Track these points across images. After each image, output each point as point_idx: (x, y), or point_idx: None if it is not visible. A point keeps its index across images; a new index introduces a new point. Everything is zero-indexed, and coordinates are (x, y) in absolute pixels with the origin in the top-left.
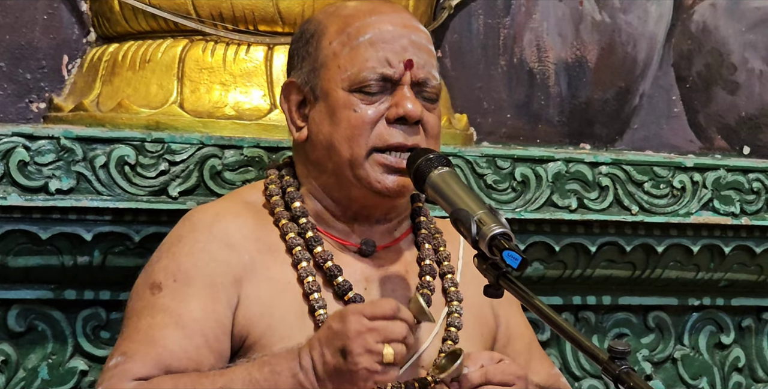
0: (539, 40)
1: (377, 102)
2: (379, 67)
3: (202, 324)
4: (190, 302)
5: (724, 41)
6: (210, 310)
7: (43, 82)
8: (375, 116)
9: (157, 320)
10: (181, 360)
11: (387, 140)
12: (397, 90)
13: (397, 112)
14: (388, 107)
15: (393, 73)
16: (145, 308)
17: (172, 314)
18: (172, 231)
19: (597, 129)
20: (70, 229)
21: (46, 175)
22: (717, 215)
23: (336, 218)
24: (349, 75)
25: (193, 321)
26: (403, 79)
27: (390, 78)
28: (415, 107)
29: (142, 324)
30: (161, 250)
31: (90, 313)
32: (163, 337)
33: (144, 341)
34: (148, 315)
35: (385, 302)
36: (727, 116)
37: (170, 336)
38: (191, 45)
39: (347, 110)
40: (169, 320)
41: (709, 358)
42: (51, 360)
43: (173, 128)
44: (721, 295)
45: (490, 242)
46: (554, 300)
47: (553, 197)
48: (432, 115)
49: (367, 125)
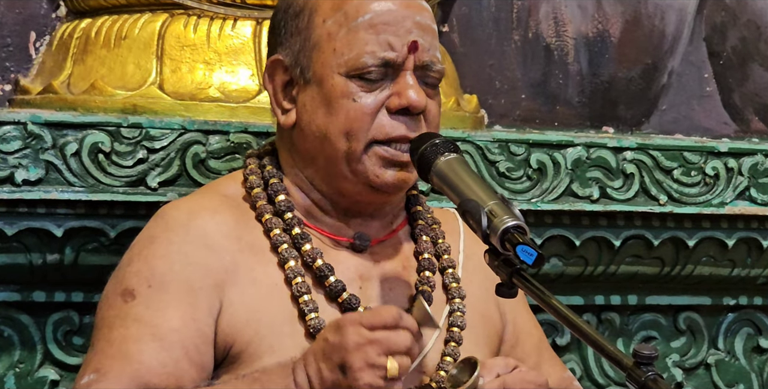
0: (557, 12)
1: (377, 89)
2: (380, 52)
3: (182, 334)
4: (167, 310)
5: (762, 12)
6: (189, 319)
7: (8, 61)
8: (375, 105)
9: (132, 331)
10: (160, 375)
11: (388, 133)
12: (399, 77)
13: (400, 102)
14: (389, 95)
15: (396, 57)
16: (117, 317)
17: (148, 324)
18: (143, 231)
19: (621, 111)
20: (38, 224)
21: (12, 164)
22: (754, 204)
23: (325, 212)
24: (347, 60)
25: (171, 332)
26: (406, 64)
27: (392, 63)
28: (419, 97)
29: (114, 335)
30: (132, 252)
31: (61, 317)
32: (138, 351)
33: (118, 356)
34: (120, 325)
35: (386, 309)
36: (765, 96)
37: (147, 349)
38: (171, 20)
39: (345, 99)
40: (145, 331)
41: (747, 364)
42: (18, 369)
43: (152, 111)
44: (760, 294)
45: (503, 236)
46: (574, 300)
47: (573, 187)
48: (433, 102)
49: (368, 116)
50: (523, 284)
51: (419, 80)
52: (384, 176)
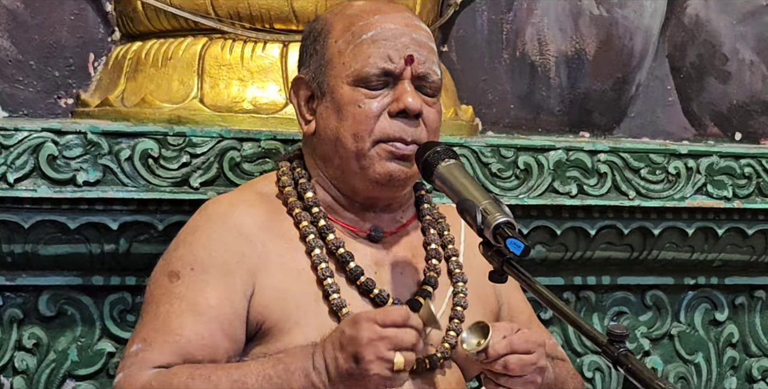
0: (540, 34)
1: (380, 96)
2: (381, 63)
3: (218, 311)
4: (206, 290)
5: (715, 33)
6: (225, 298)
7: (71, 79)
8: (378, 109)
9: (175, 307)
10: (197, 346)
11: (389, 134)
12: (398, 85)
13: (398, 106)
14: (390, 102)
15: (394, 68)
16: (163, 295)
17: (189, 302)
18: (188, 222)
19: (595, 118)
20: (97, 219)
21: (74, 168)
22: (710, 199)
23: (344, 207)
24: (353, 71)
25: (209, 309)
26: (404, 74)
27: (391, 73)
28: (415, 101)
29: (160, 311)
30: (178, 240)
31: (116, 298)
32: (180, 325)
33: (162, 329)
34: (165, 302)
35: (396, 310)
36: (720, 104)
37: (187, 323)
38: (210, 43)
39: (352, 105)
40: (186, 307)
41: (704, 334)
42: (80, 342)
43: (194, 122)
44: (715, 274)
45: (495, 231)
46: (556, 281)
47: (555, 184)
48: (432, 109)
49: (371, 120)
50: (513, 271)
51: (418, 90)
52: (387, 167)
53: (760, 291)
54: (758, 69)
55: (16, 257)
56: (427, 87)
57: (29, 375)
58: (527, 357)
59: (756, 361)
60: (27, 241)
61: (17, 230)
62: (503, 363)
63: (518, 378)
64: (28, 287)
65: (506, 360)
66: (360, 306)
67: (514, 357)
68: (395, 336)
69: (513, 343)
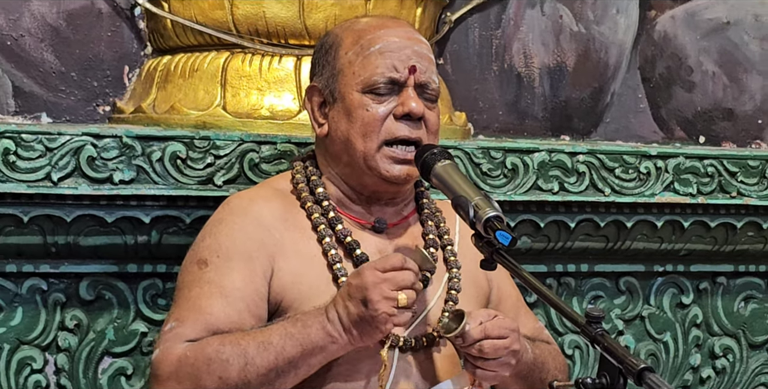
0: (526, 48)
1: (386, 102)
2: (387, 72)
3: (242, 292)
4: (231, 274)
5: (681, 47)
6: (248, 280)
7: (108, 89)
8: (384, 113)
9: (204, 290)
10: (225, 323)
11: (395, 134)
12: (402, 91)
13: (403, 110)
14: (395, 106)
15: (399, 77)
16: (194, 281)
17: (217, 285)
18: (214, 215)
19: (575, 123)
20: (131, 213)
21: (111, 168)
22: (677, 195)
23: (352, 201)
24: (362, 79)
25: (234, 290)
26: (407, 82)
27: (396, 81)
28: (417, 106)
29: (191, 294)
30: (205, 231)
31: (149, 283)
32: (209, 305)
33: (193, 309)
34: (196, 286)
35: (394, 256)
36: (685, 111)
37: (215, 303)
38: (232, 57)
39: (361, 109)
40: (215, 290)
41: (672, 316)
42: (116, 323)
43: (217, 127)
44: (681, 262)
45: (485, 224)
46: (540, 268)
47: (539, 182)
48: (432, 113)
49: (378, 122)
50: (501, 260)
51: (419, 96)
52: (393, 170)
53: (721, 277)
54: (720, 79)
55: (60, 247)
56: (427, 93)
57: (71, 353)
58: (500, 341)
59: (718, 340)
60: (69, 233)
61: (60, 223)
62: (478, 347)
63: (493, 360)
64: (70, 274)
65: (481, 345)
66: None
67: (488, 342)
68: (395, 276)
69: (487, 329)
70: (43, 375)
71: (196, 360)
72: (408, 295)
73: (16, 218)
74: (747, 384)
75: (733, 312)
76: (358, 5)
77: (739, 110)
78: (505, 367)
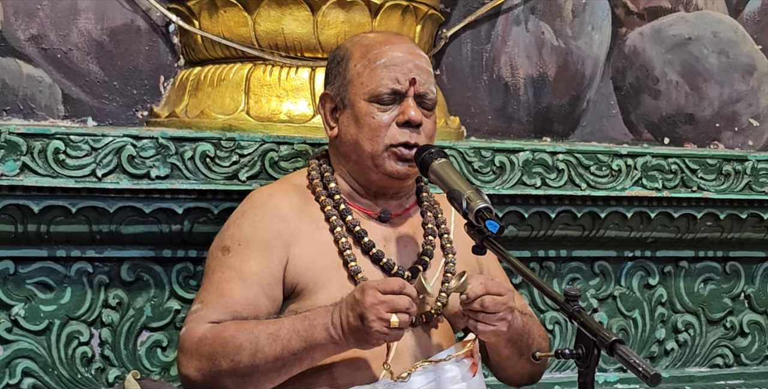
0: (512, 60)
1: (389, 110)
2: (391, 84)
3: (259, 276)
4: (250, 260)
5: (649, 60)
6: (264, 266)
7: (146, 96)
8: (388, 120)
9: (226, 275)
10: (243, 305)
11: (397, 139)
12: (404, 101)
13: (404, 118)
14: (398, 114)
15: (401, 88)
16: (217, 266)
17: (237, 270)
18: (238, 207)
19: (555, 126)
20: (166, 205)
21: (148, 165)
22: (645, 189)
23: (360, 194)
24: (369, 89)
25: (252, 275)
26: (408, 92)
27: (398, 92)
28: (417, 115)
29: (215, 278)
30: (229, 221)
31: (181, 267)
32: (229, 289)
33: (216, 292)
34: (219, 271)
35: (394, 280)
36: (652, 116)
37: (234, 287)
38: (254, 67)
39: (368, 116)
40: (235, 275)
41: (640, 296)
42: (153, 301)
43: (242, 129)
44: (648, 249)
45: (476, 214)
46: (524, 254)
47: (523, 178)
48: (429, 120)
49: (383, 129)
50: (491, 246)
51: (418, 105)
52: (396, 167)
53: (683, 262)
54: (682, 88)
55: (104, 235)
56: (425, 103)
57: (113, 327)
58: (499, 297)
59: (680, 316)
60: (111, 222)
61: (104, 213)
62: (480, 302)
63: (492, 314)
64: (113, 258)
65: (482, 299)
66: (372, 272)
67: (489, 297)
68: (392, 300)
69: (487, 286)
70: (89, 347)
71: (213, 342)
72: (401, 318)
73: (65, 209)
74: (706, 355)
75: (693, 292)
76: (365, 23)
77: (699, 115)
78: (503, 323)
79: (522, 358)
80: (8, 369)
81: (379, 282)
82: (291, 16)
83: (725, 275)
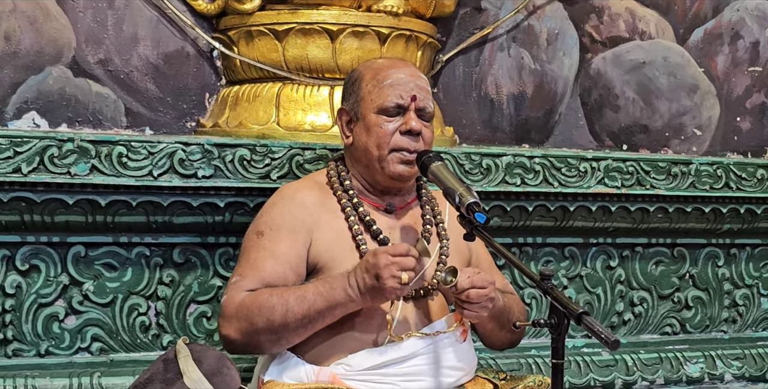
0: (497, 81)
1: (394, 121)
2: (395, 100)
3: (287, 255)
4: (280, 242)
5: (610, 80)
6: (292, 247)
7: (194, 110)
8: (393, 129)
9: (260, 254)
10: (274, 277)
11: (400, 145)
12: (406, 114)
13: (406, 127)
14: (401, 124)
15: (404, 103)
16: (253, 247)
17: (269, 250)
18: (270, 199)
19: (532, 135)
20: (210, 200)
21: (196, 167)
22: (606, 187)
23: (370, 191)
24: (377, 104)
25: (281, 254)
26: (410, 107)
27: (402, 106)
28: (417, 125)
29: (251, 256)
30: (263, 211)
31: (223, 251)
32: (263, 265)
33: (252, 267)
34: (254, 251)
35: (401, 245)
36: (613, 126)
37: (267, 264)
38: (283, 86)
39: (377, 126)
40: (268, 254)
41: (603, 275)
42: (200, 279)
43: (273, 137)
44: (609, 236)
45: (467, 208)
46: (506, 240)
47: (506, 178)
48: (428, 130)
49: (389, 136)
50: (479, 234)
51: (418, 117)
52: (398, 169)
53: (638, 247)
54: (638, 104)
55: (159, 224)
56: (424, 115)
57: (167, 301)
58: (482, 290)
59: (636, 292)
60: (165, 214)
61: (159, 207)
62: (467, 294)
63: (476, 304)
64: (166, 243)
65: (468, 293)
66: None
67: (474, 291)
68: (401, 261)
69: (473, 281)
70: (147, 317)
71: (251, 305)
72: (409, 275)
73: (127, 203)
74: (657, 324)
75: (647, 272)
76: (375, 49)
77: (652, 126)
78: (484, 310)
79: (503, 330)
80: (80, 335)
81: (388, 247)
82: (314, 44)
83: (673, 259)
